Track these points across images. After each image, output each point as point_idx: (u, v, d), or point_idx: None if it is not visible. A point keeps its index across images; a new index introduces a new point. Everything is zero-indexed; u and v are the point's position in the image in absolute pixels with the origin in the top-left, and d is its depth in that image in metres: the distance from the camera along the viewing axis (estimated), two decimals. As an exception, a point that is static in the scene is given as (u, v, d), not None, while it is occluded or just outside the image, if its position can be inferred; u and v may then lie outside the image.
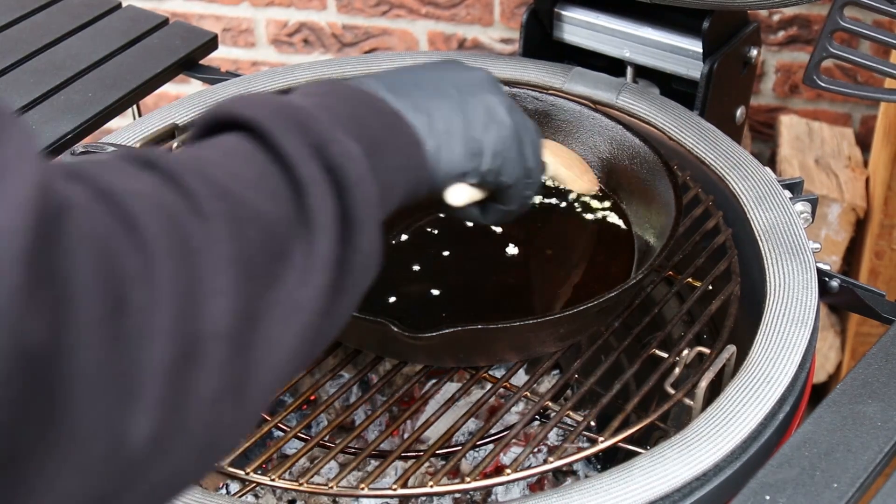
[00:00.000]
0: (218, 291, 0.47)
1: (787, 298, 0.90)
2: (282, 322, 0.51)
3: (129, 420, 0.43)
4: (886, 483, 0.74)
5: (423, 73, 0.73)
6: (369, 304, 0.92)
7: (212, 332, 0.46)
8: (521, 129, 0.75)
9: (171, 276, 0.45)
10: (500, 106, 0.74)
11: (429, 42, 2.06)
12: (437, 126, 0.69)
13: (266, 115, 0.56)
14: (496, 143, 0.73)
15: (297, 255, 0.52)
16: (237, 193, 0.51)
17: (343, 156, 0.55)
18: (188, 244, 0.47)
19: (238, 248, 0.49)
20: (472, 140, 0.71)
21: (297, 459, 0.84)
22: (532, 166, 0.76)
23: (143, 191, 0.47)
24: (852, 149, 1.91)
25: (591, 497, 0.75)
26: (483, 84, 0.74)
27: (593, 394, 0.93)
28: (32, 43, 1.25)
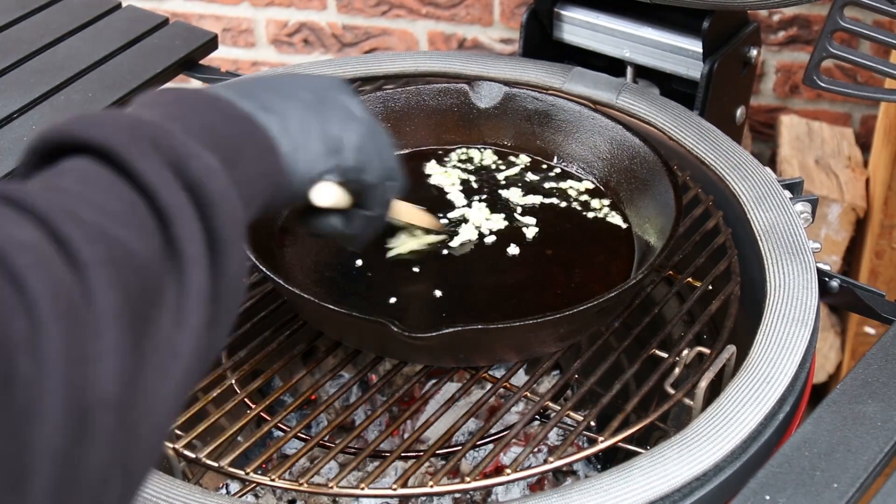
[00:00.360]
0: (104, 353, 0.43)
1: (787, 298, 0.90)
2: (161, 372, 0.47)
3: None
4: (886, 483, 0.74)
5: (272, 79, 0.72)
6: (370, 304, 0.92)
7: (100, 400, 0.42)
8: (376, 127, 0.75)
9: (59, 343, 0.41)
10: (355, 105, 0.74)
11: (429, 42, 2.06)
12: (291, 126, 0.67)
13: (117, 138, 0.51)
14: (356, 139, 0.72)
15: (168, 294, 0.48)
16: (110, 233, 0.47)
17: (203, 171, 0.52)
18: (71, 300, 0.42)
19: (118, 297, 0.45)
20: (331, 137, 0.70)
21: (297, 459, 0.84)
22: (391, 165, 0.77)
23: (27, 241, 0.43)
24: (852, 149, 1.91)
25: (591, 497, 0.75)
26: (335, 86, 0.74)
27: (593, 394, 0.93)
28: (32, 43, 1.25)
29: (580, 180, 1.06)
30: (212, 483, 1.04)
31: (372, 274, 0.95)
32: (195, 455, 0.83)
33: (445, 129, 1.10)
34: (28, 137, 1.11)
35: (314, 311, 0.87)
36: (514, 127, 1.09)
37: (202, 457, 0.83)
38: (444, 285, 0.93)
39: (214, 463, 0.83)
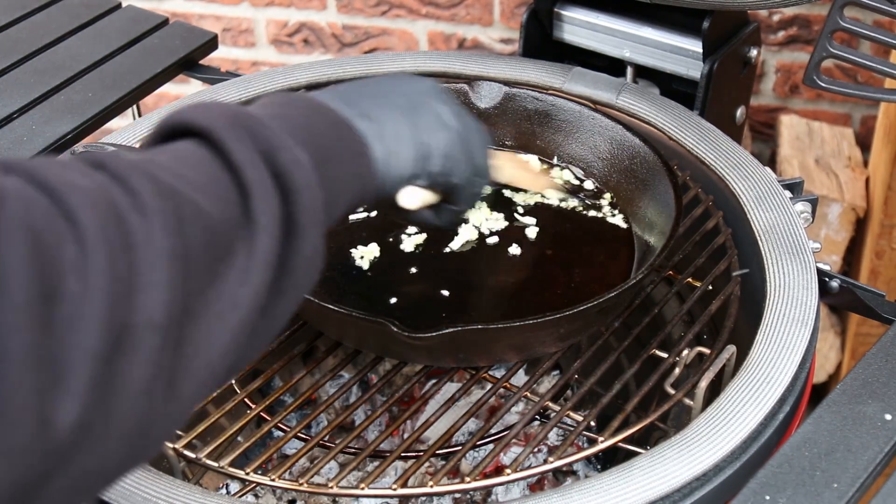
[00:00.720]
0: (154, 284, 0.49)
1: (787, 298, 0.90)
2: (219, 318, 0.53)
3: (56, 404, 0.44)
4: (886, 483, 0.74)
5: (373, 84, 0.78)
6: (370, 304, 0.92)
7: (145, 322, 0.48)
8: (468, 131, 0.79)
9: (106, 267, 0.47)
10: (447, 111, 0.78)
11: (429, 42, 2.06)
12: (386, 132, 0.73)
13: (219, 123, 0.58)
14: (444, 146, 0.77)
15: (239, 255, 0.54)
16: (182, 193, 0.53)
17: (291, 163, 0.58)
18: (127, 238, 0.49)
19: (178, 244, 0.51)
20: (421, 144, 0.75)
21: (297, 459, 0.84)
22: (480, 164, 0.81)
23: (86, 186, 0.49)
24: (852, 149, 1.91)
25: (591, 497, 0.75)
26: (430, 92, 0.79)
27: (593, 394, 0.93)
28: (32, 43, 1.25)
29: (580, 180, 1.06)
30: (212, 483, 1.04)
31: (372, 274, 0.95)
32: (195, 455, 0.83)
33: (445, 129, 1.10)
34: (28, 137, 1.11)
35: (314, 310, 0.87)
36: (514, 127, 1.09)
37: (202, 457, 0.83)
38: (444, 285, 0.93)
39: (214, 463, 0.83)
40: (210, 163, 0.57)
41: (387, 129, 0.73)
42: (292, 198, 0.57)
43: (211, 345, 0.52)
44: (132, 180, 0.51)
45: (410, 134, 0.75)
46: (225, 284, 0.53)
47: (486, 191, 0.87)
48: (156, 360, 0.48)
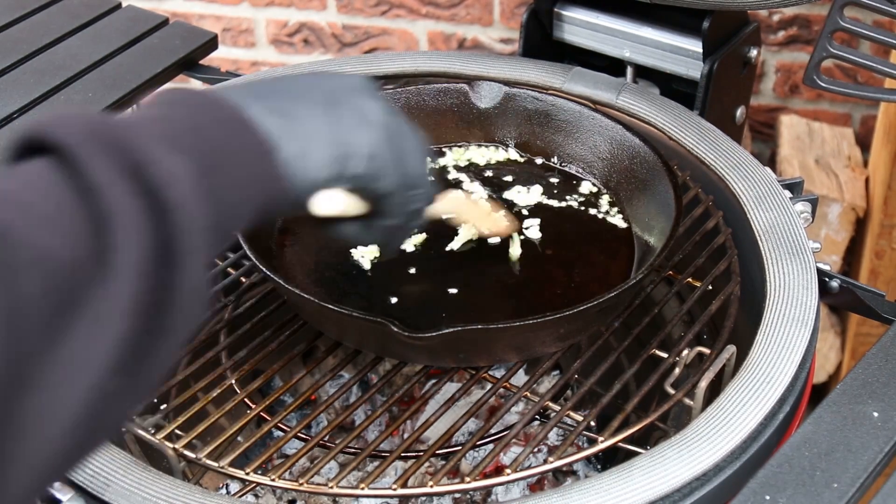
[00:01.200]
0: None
1: (787, 298, 0.90)
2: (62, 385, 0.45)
3: None
4: (886, 483, 0.74)
5: (291, 79, 0.69)
6: (370, 304, 0.92)
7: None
8: (399, 132, 0.71)
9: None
10: (374, 109, 0.69)
11: (429, 42, 2.06)
12: (298, 129, 0.64)
13: (76, 138, 0.50)
14: (368, 146, 0.68)
15: (92, 303, 0.46)
16: (18, 235, 0.45)
17: (163, 177, 0.50)
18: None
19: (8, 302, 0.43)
20: (339, 143, 0.67)
21: (297, 459, 0.84)
22: (415, 172, 0.72)
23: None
24: (852, 149, 1.91)
25: (591, 497, 0.75)
26: (357, 88, 0.71)
27: (593, 394, 0.93)
28: (32, 43, 1.25)
29: (580, 180, 1.06)
30: (212, 483, 1.04)
31: (372, 274, 0.95)
32: (195, 455, 0.83)
33: (445, 129, 1.10)
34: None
35: (314, 311, 0.87)
36: (514, 127, 1.09)
37: (202, 457, 0.83)
38: (444, 285, 0.93)
39: (214, 463, 0.83)
40: (61, 188, 0.48)
41: (299, 126, 0.64)
42: (168, 218, 0.49)
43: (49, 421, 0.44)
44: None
45: (328, 130, 0.66)
46: (72, 341, 0.45)
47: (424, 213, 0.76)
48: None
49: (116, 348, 0.46)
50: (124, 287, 0.47)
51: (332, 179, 0.67)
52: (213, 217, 0.53)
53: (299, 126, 0.64)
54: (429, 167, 0.74)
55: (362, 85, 0.71)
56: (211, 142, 0.57)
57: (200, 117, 0.58)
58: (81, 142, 0.50)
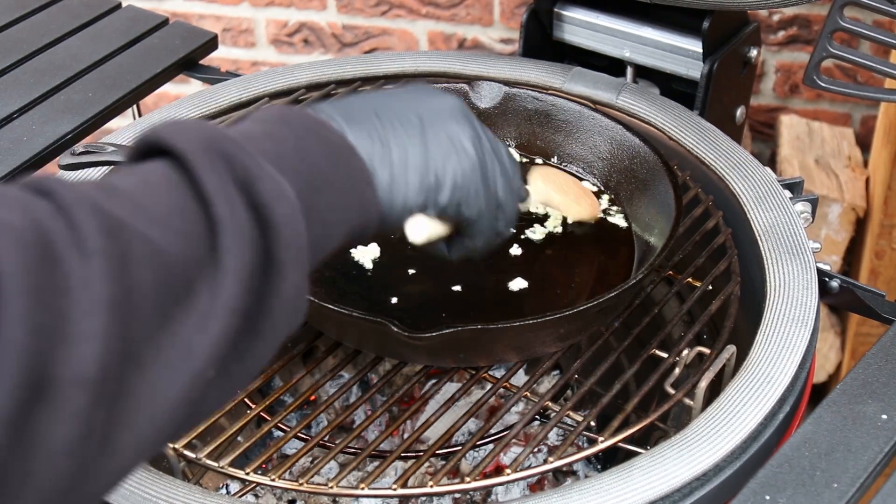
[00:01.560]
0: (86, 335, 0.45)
1: (787, 298, 0.90)
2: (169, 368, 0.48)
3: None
4: (886, 483, 0.74)
5: (386, 99, 0.70)
6: (370, 304, 0.92)
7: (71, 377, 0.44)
8: (487, 159, 0.71)
9: (25, 317, 0.43)
10: (464, 136, 0.70)
11: (429, 42, 2.06)
12: (391, 157, 0.66)
13: (194, 146, 0.54)
14: (456, 175, 0.69)
15: (200, 298, 0.50)
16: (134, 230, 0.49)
17: (270, 195, 0.53)
18: (61, 282, 0.45)
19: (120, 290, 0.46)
20: (430, 172, 0.68)
21: (297, 459, 0.84)
22: (502, 199, 0.73)
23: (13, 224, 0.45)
24: (852, 149, 1.91)
25: (591, 497, 0.75)
26: (449, 112, 0.71)
27: (593, 394, 0.93)
28: (32, 43, 1.25)
29: (580, 180, 1.06)
30: (212, 483, 1.04)
31: (372, 274, 0.95)
32: (195, 455, 0.83)
33: (445, 129, 1.10)
34: (28, 137, 1.11)
35: (314, 310, 0.87)
36: (514, 127, 1.09)
37: (202, 457, 0.83)
38: (444, 285, 0.93)
39: (214, 463, 0.83)
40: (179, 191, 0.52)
41: (393, 153, 0.66)
42: (271, 234, 0.52)
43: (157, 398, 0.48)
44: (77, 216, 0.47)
45: (420, 159, 0.67)
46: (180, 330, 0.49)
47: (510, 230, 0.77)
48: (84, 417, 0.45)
49: (219, 343, 0.50)
50: (230, 288, 0.50)
51: (421, 206, 0.69)
52: (310, 235, 0.56)
53: (394, 153, 0.66)
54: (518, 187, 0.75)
55: (456, 108, 0.72)
56: (316, 164, 0.60)
57: (307, 140, 0.61)
58: (199, 151, 0.53)
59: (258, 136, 0.59)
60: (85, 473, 0.46)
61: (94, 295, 0.45)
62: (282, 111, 0.63)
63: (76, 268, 0.45)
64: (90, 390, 0.45)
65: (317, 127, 0.63)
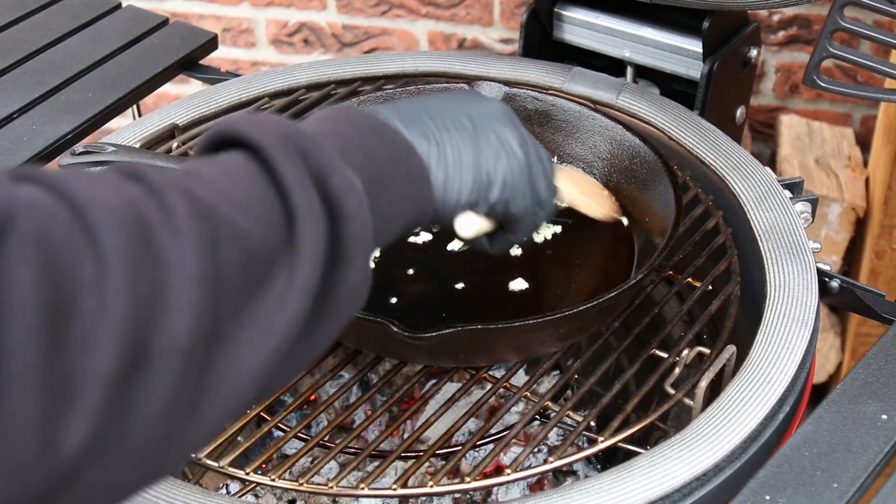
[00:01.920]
0: (179, 308, 0.47)
1: (787, 298, 0.90)
2: (251, 343, 0.51)
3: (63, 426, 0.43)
4: (886, 483, 0.74)
5: (438, 103, 0.74)
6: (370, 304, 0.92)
7: (167, 346, 0.46)
8: (532, 160, 0.76)
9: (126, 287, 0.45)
10: (512, 138, 0.74)
11: (429, 42, 2.06)
12: (446, 157, 0.70)
13: (272, 140, 0.56)
14: (506, 175, 0.73)
15: (278, 280, 0.53)
16: (221, 213, 0.52)
17: (342, 188, 0.56)
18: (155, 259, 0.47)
19: (210, 267, 0.49)
20: (482, 171, 0.72)
21: (297, 459, 0.84)
22: (543, 197, 0.77)
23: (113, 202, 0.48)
24: (852, 149, 1.91)
25: (591, 497, 0.75)
26: (497, 116, 0.75)
27: (593, 394, 0.93)
28: (32, 43, 1.25)
29: None
30: (212, 483, 1.04)
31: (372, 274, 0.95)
32: (195, 455, 0.83)
33: (445, 129, 1.10)
34: (28, 137, 1.11)
35: (314, 311, 0.87)
36: (514, 127, 1.09)
37: (202, 457, 0.83)
38: (444, 285, 0.93)
39: (214, 463, 0.83)
40: (258, 181, 0.55)
41: (448, 154, 0.70)
42: (341, 224, 0.56)
43: (240, 370, 0.51)
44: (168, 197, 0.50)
45: (472, 160, 0.72)
46: (261, 309, 0.52)
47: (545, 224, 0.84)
48: (177, 384, 0.47)
49: (295, 322, 0.53)
50: (306, 272, 0.53)
51: (473, 204, 0.73)
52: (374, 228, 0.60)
53: (447, 153, 0.70)
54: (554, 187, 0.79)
55: (503, 112, 0.76)
56: (379, 161, 0.63)
57: (370, 137, 0.64)
58: (276, 145, 0.56)
59: (327, 133, 0.62)
60: (173, 438, 0.49)
61: (187, 271, 0.48)
62: (347, 111, 0.66)
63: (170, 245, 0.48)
64: (182, 360, 0.47)
65: (380, 127, 0.66)
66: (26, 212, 0.44)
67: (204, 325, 0.48)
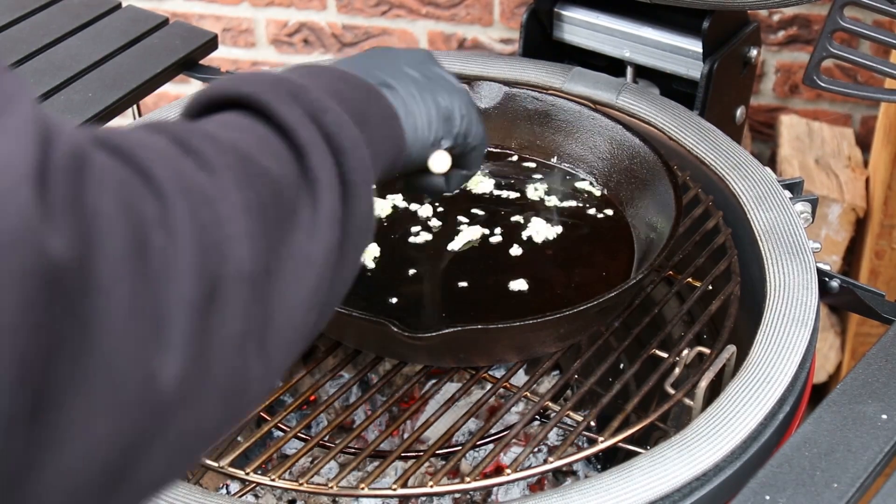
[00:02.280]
0: (237, 236, 0.48)
1: (787, 298, 0.90)
2: (296, 276, 0.52)
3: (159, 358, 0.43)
4: (886, 483, 0.74)
5: (379, 54, 0.77)
6: (370, 304, 0.92)
7: (234, 274, 0.47)
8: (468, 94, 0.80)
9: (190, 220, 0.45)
10: (449, 75, 0.79)
11: (429, 42, 2.06)
12: (407, 99, 0.73)
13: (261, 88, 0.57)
14: (461, 107, 0.77)
15: (304, 212, 0.53)
16: (243, 151, 0.52)
17: (337, 124, 0.57)
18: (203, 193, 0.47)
19: (250, 198, 0.50)
20: (441, 107, 0.76)
21: (297, 459, 0.84)
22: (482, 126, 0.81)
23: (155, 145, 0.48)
24: (852, 149, 1.91)
25: (591, 497, 0.75)
26: (431, 59, 0.80)
27: (593, 394, 0.93)
28: (32, 43, 1.25)
29: (580, 180, 1.06)
30: (212, 483, 1.04)
31: (372, 274, 0.95)
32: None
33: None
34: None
35: (314, 311, 0.87)
36: (514, 127, 1.09)
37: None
38: (444, 285, 0.93)
39: (214, 463, 0.83)
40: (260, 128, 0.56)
41: (405, 95, 0.73)
42: (342, 158, 0.57)
43: (293, 302, 0.51)
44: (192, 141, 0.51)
45: (431, 98, 0.75)
46: (295, 241, 0.52)
47: None
48: (247, 314, 0.47)
49: (330, 250, 0.54)
50: (328, 201, 0.54)
51: (442, 138, 0.76)
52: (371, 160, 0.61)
53: (404, 95, 0.73)
54: None
55: (429, 55, 0.80)
56: (355, 103, 0.64)
57: (339, 84, 0.65)
58: (268, 91, 0.57)
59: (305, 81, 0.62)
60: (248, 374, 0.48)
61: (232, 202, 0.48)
62: (307, 67, 0.68)
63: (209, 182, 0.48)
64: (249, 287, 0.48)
65: (343, 75, 0.68)
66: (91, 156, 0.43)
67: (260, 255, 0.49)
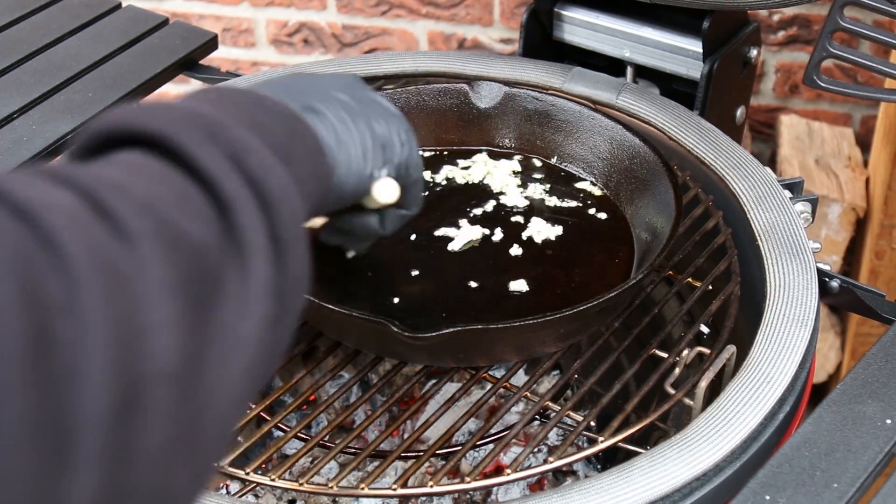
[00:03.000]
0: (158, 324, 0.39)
1: (787, 298, 0.90)
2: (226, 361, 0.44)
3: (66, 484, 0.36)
4: (886, 483, 0.74)
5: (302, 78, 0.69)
6: (370, 304, 0.92)
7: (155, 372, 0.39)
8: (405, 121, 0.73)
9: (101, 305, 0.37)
10: (383, 100, 0.72)
11: (429, 42, 2.06)
12: (336, 126, 0.65)
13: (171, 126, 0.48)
14: (400, 133, 0.71)
15: (231, 284, 0.45)
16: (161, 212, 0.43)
17: (263, 167, 0.49)
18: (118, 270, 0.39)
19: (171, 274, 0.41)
20: (378, 135, 0.69)
21: (297, 459, 0.84)
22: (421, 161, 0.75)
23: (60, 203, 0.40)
24: (852, 149, 1.91)
25: (591, 497, 0.75)
26: (360, 82, 0.72)
27: (593, 394, 0.93)
28: (32, 43, 1.25)
29: (580, 180, 1.06)
30: (211, 483, 1.04)
31: (372, 274, 0.95)
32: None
33: (445, 129, 1.10)
34: (28, 137, 1.11)
35: (314, 310, 0.87)
36: (514, 127, 1.09)
37: (202, 457, 0.83)
38: (444, 285, 0.93)
39: (214, 463, 0.83)
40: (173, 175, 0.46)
41: (336, 123, 0.65)
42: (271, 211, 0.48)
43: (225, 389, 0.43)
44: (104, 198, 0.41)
45: (364, 124, 0.67)
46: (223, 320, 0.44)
47: None
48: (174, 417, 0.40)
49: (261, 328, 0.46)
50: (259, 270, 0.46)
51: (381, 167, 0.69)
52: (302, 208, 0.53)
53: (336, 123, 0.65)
54: None
55: (357, 80, 0.73)
56: (276, 136, 0.55)
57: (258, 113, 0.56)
58: (181, 129, 0.48)
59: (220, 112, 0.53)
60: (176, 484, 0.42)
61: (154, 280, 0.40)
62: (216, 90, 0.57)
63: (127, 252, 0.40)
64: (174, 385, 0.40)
65: (262, 101, 0.58)
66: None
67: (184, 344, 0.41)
